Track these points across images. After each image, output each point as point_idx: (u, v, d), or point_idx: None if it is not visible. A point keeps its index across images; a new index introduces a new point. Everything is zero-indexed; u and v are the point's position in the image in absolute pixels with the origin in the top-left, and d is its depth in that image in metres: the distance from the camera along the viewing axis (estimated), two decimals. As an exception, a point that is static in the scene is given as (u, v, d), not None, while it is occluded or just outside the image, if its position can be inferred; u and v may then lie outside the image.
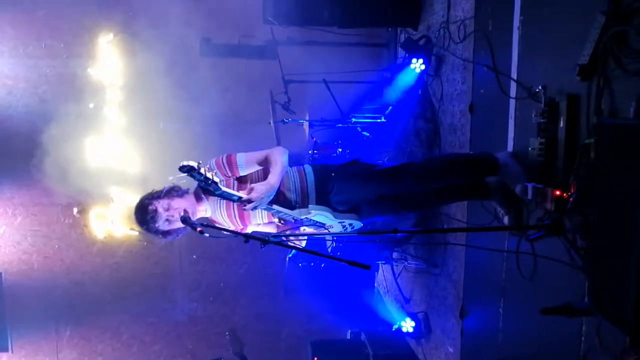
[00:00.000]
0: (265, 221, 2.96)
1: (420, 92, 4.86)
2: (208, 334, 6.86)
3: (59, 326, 6.68)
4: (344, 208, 2.97)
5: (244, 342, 5.62)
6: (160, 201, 2.76)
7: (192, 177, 2.30)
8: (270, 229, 2.99)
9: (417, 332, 4.84)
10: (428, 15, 4.95)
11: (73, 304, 6.57)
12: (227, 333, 6.69)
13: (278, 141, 4.99)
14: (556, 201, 2.45)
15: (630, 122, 2.04)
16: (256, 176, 2.88)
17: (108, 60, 6.12)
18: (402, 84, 5.02)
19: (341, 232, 3.03)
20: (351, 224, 2.99)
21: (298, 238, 2.62)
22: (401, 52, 5.49)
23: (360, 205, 3.03)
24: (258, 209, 2.77)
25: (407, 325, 4.88)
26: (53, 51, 6.27)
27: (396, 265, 5.40)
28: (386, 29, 6.12)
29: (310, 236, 2.95)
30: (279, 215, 2.82)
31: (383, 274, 6.12)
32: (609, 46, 2.22)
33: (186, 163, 2.21)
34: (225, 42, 5.94)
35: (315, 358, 5.12)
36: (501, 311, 3.30)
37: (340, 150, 5.05)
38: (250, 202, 2.67)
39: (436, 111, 4.58)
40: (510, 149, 3.13)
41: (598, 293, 2.04)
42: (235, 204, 2.83)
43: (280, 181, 2.81)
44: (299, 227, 2.86)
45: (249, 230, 2.99)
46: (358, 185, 2.96)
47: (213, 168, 2.77)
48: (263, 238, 2.22)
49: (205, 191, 2.87)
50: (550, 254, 2.61)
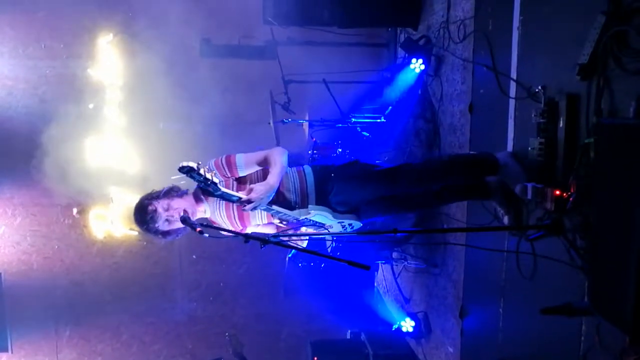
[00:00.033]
0: (264, 222, 2.95)
1: (420, 92, 4.86)
2: (208, 334, 6.86)
3: (59, 326, 6.68)
4: (344, 209, 2.97)
5: (244, 342, 5.62)
6: (159, 201, 2.76)
7: (192, 178, 2.30)
8: (269, 230, 2.98)
9: (417, 332, 4.84)
10: (428, 15, 4.95)
11: (73, 304, 6.57)
12: (227, 334, 6.68)
13: (278, 141, 4.98)
14: (556, 201, 2.46)
15: (630, 122, 2.04)
16: (255, 177, 2.88)
17: (108, 60, 6.12)
18: (402, 84, 5.02)
19: (341, 232, 3.03)
20: (351, 224, 2.98)
21: (299, 238, 2.62)
22: (401, 52, 5.49)
23: (359, 205, 3.03)
24: (257, 210, 2.77)
25: (407, 325, 4.88)
26: (53, 52, 6.26)
27: (396, 265, 5.40)
28: (386, 29, 6.12)
29: (309, 236, 2.95)
30: (279, 215, 2.82)
31: (383, 274, 6.12)
32: (609, 46, 2.22)
33: (186, 164, 2.21)
34: (225, 43, 5.93)
35: (315, 358, 5.12)
36: (501, 311, 3.30)
37: (340, 150, 5.05)
38: (250, 203, 2.67)
39: (436, 111, 4.58)
40: (510, 149, 3.13)
41: (598, 293, 2.04)
42: (234, 205, 2.82)
43: (279, 181, 2.80)
44: (299, 228, 2.86)
45: (248, 231, 2.98)
46: (357, 186, 2.96)
47: (212, 169, 2.77)
48: (263, 238, 2.22)
49: (204, 192, 2.86)
50: (550, 254, 2.61)
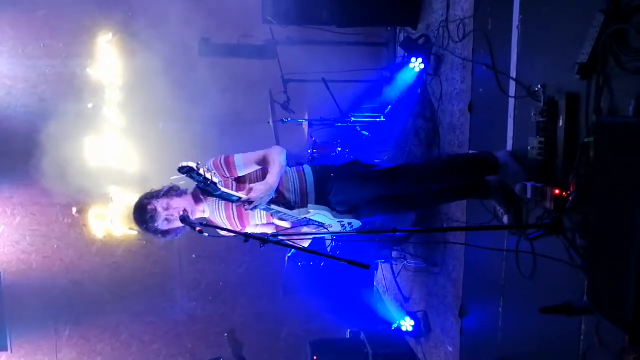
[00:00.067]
0: (264, 222, 2.94)
1: (419, 92, 4.86)
2: (207, 334, 6.86)
3: (58, 326, 6.68)
4: (344, 208, 2.97)
5: (243, 342, 5.62)
6: (159, 201, 2.76)
7: (192, 178, 2.29)
8: (269, 230, 2.96)
9: (417, 331, 4.84)
10: (427, 14, 4.95)
11: (72, 304, 6.57)
12: (227, 334, 6.69)
13: (277, 141, 4.98)
14: (556, 200, 2.46)
15: (629, 121, 2.04)
16: (255, 176, 2.88)
17: (107, 60, 6.11)
18: (402, 83, 5.02)
19: (340, 232, 3.03)
20: (350, 224, 2.98)
21: (300, 238, 2.62)
22: (400, 52, 5.49)
23: (359, 205, 3.02)
24: (257, 210, 2.77)
25: (407, 324, 4.88)
26: (52, 51, 6.25)
27: (396, 264, 5.40)
28: (385, 28, 6.12)
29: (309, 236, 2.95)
30: (279, 215, 2.82)
31: (382, 273, 6.12)
32: (609, 45, 2.22)
33: (185, 164, 2.20)
34: (224, 42, 5.94)
35: (314, 357, 5.12)
36: (501, 310, 3.30)
37: (339, 149, 5.05)
38: (250, 203, 2.66)
39: (435, 110, 4.58)
40: (509, 148, 3.13)
41: (597, 292, 2.04)
42: (234, 205, 2.82)
43: (279, 181, 2.80)
44: (299, 227, 2.86)
45: (248, 231, 2.98)
46: (357, 186, 2.96)
47: (211, 169, 2.77)
48: (262, 237, 2.22)
49: (203, 192, 2.86)
50: (549, 253, 2.61)
